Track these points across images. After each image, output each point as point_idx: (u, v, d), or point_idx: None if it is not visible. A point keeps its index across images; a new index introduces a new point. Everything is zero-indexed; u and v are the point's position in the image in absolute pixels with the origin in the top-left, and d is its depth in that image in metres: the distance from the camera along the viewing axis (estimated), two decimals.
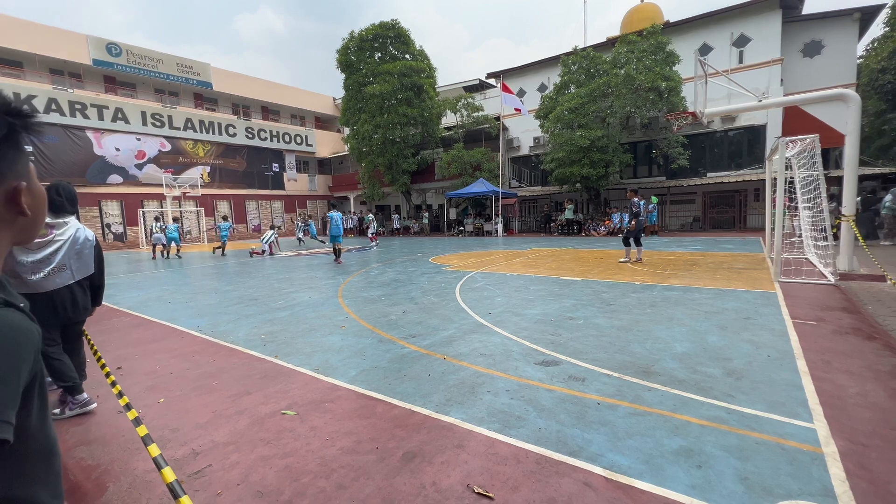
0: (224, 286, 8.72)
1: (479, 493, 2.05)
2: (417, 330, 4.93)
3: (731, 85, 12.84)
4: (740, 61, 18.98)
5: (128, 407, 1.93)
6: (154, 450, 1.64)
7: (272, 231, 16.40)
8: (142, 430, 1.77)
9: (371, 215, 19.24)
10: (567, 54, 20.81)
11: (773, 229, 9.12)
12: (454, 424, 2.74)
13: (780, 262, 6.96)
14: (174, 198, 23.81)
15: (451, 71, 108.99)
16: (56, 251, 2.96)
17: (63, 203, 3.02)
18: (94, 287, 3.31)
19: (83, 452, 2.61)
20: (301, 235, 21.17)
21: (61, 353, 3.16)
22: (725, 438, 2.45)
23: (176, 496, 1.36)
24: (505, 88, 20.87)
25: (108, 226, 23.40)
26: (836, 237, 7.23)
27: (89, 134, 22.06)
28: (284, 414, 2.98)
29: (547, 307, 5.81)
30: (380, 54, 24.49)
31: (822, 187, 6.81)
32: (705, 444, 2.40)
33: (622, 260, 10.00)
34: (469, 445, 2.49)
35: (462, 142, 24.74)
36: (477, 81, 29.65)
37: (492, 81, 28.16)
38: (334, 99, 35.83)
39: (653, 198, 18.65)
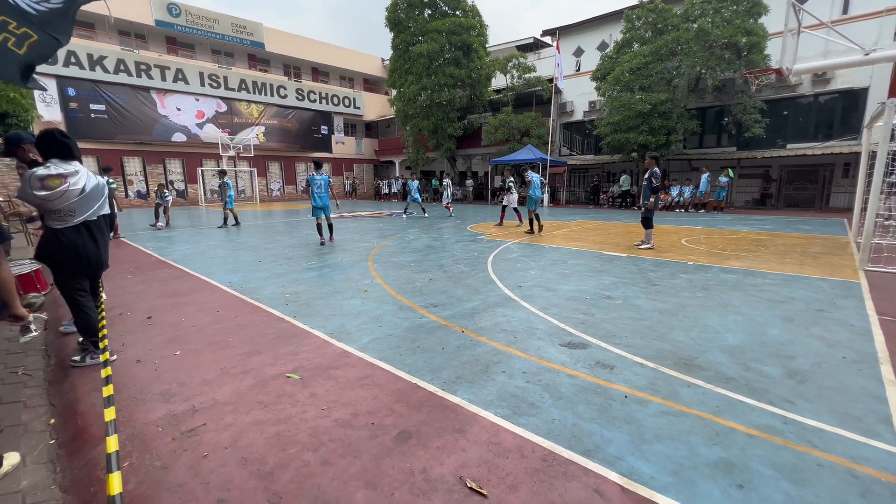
0: (264, 244, 8.95)
1: (471, 489, 1.83)
2: (440, 299, 4.72)
3: (830, 39, 10.95)
4: (844, 11, 16.16)
5: (107, 381, 1.85)
6: (110, 413, 1.53)
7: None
8: (107, 391, 1.68)
9: (511, 178, 12.10)
10: (632, 8, 18.73)
11: (863, 210, 7.88)
12: (459, 405, 2.52)
13: (869, 247, 5.98)
14: (229, 158, 24.81)
15: (508, 32, 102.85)
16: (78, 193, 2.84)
17: (71, 146, 2.83)
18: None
19: (95, 399, 2.68)
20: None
21: (91, 304, 3.15)
22: (778, 454, 2.05)
23: (110, 470, 1.23)
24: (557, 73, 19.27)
25: (171, 182, 24.97)
26: None
27: (153, 94, 23.21)
28: (288, 377, 2.90)
29: (583, 283, 5.37)
30: (430, 11, 23.41)
31: None
32: (751, 458, 2.02)
33: (644, 245, 7.90)
34: (470, 431, 2.26)
35: (511, 105, 23.50)
36: (531, 40, 27.74)
37: (547, 40, 26.23)
38: (382, 60, 35.17)
39: (729, 170, 16.80)
